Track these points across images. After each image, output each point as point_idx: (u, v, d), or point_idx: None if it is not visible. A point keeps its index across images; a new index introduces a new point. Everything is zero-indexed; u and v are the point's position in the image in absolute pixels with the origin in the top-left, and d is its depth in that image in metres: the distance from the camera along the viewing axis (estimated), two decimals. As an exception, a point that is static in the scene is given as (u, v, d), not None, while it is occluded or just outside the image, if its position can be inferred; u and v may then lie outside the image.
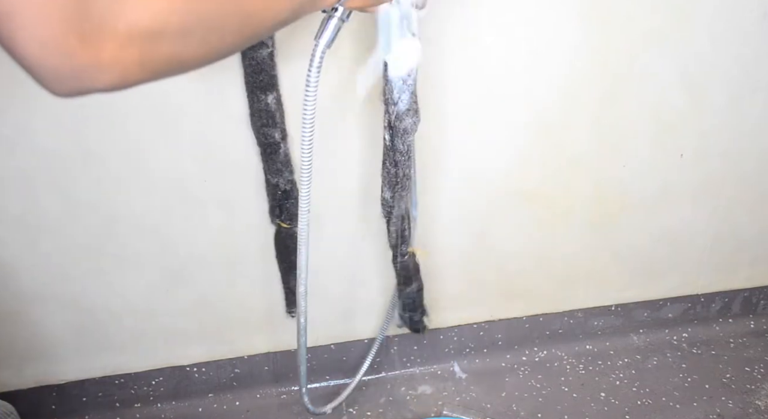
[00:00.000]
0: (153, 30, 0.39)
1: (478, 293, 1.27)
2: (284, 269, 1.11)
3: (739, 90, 1.15)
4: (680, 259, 1.35)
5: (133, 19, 0.37)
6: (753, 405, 1.23)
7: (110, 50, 0.37)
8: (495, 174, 1.13)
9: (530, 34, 1.00)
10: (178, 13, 0.40)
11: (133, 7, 0.37)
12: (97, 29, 0.36)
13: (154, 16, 0.38)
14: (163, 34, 0.39)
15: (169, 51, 0.41)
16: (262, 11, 0.48)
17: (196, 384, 1.22)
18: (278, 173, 0.99)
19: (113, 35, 0.37)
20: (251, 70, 0.89)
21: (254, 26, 0.48)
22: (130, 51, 0.38)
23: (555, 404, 1.23)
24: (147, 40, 0.39)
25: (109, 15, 0.36)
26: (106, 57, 0.37)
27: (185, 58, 0.43)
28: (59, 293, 1.07)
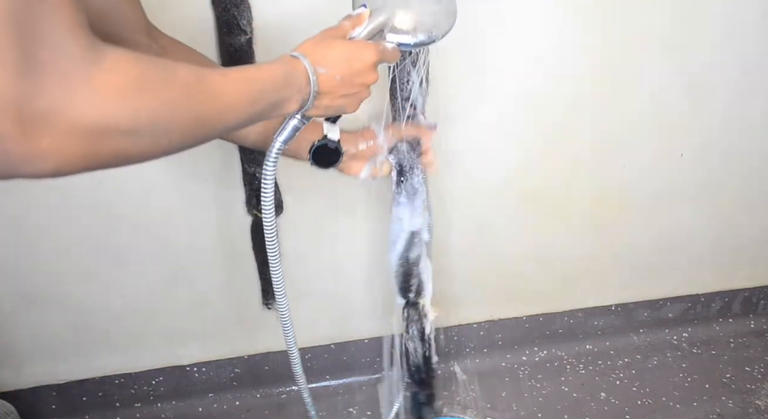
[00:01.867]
0: (99, 128, 0.37)
1: (478, 293, 1.27)
2: (261, 261, 1.10)
3: (739, 90, 1.15)
4: (680, 259, 1.35)
5: (79, 115, 0.36)
6: (753, 405, 1.23)
7: (49, 142, 0.36)
8: (495, 174, 1.13)
9: (531, 35, 1.00)
10: (128, 116, 0.39)
11: (81, 103, 0.36)
12: (40, 121, 0.35)
13: (102, 115, 0.37)
14: (109, 133, 0.38)
15: (115, 148, 0.39)
16: (216, 117, 0.48)
17: (196, 383, 1.22)
18: (255, 162, 0.98)
19: (55, 128, 0.36)
20: (228, 57, 0.88)
21: (207, 130, 0.48)
22: (71, 145, 0.37)
23: (555, 404, 1.23)
24: (92, 136, 0.37)
25: (55, 108, 0.35)
26: (43, 148, 0.36)
27: (132, 154, 0.41)
28: (59, 293, 1.07)
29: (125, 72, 0.39)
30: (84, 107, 0.37)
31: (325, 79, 0.60)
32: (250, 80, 0.53)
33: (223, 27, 0.85)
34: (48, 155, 0.36)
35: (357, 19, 0.66)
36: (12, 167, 0.36)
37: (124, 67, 0.39)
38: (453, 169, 1.09)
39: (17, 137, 0.34)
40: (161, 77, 0.42)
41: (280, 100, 0.57)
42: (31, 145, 0.35)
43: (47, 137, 0.35)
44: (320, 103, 0.61)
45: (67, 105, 0.36)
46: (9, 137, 0.34)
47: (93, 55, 0.37)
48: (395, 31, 0.68)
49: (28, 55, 0.34)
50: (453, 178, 1.10)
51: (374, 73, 0.65)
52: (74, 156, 0.37)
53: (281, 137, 0.66)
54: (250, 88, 0.52)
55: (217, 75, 0.49)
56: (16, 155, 0.35)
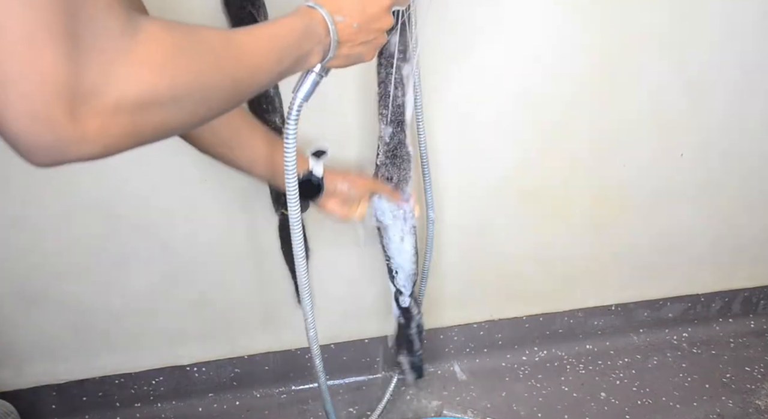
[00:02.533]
0: (141, 102, 0.38)
1: (478, 293, 1.27)
2: (291, 259, 1.10)
3: (739, 90, 1.15)
4: (680, 259, 1.35)
5: (122, 92, 0.37)
6: (753, 405, 1.23)
7: (97, 123, 0.36)
8: (495, 174, 1.13)
9: (529, 34, 1.00)
10: (168, 85, 0.39)
11: (122, 79, 0.37)
12: (86, 102, 0.35)
13: (143, 89, 0.38)
14: (151, 106, 0.39)
15: (156, 121, 0.40)
16: (248, 78, 0.49)
17: (196, 383, 1.22)
18: None
19: (101, 108, 0.36)
20: None
21: (242, 92, 0.48)
22: (116, 122, 0.37)
23: (555, 404, 1.23)
24: (135, 111, 0.38)
25: (99, 88, 0.36)
26: (92, 129, 0.36)
27: (173, 125, 0.42)
28: (59, 293, 1.07)
29: (160, 42, 0.39)
30: (125, 83, 0.37)
31: (343, 28, 0.60)
32: (274, 37, 0.53)
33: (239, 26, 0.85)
34: (96, 136, 0.36)
35: None
36: (62, 151, 0.36)
37: (158, 38, 0.39)
38: (452, 168, 1.10)
39: (68, 121, 0.35)
40: (193, 44, 0.42)
41: (304, 54, 0.57)
42: (79, 127, 0.35)
43: (93, 118, 0.36)
44: (340, 52, 0.61)
45: (110, 83, 0.36)
46: (60, 123, 0.34)
47: (130, 30, 0.37)
48: None
49: (75, 38, 0.34)
50: (452, 178, 1.10)
51: (389, 17, 0.65)
52: (120, 134, 0.38)
53: (301, 92, 0.65)
54: (275, 45, 0.52)
55: (243, 35, 0.49)
56: (66, 139, 0.35)
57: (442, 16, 0.94)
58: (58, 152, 0.36)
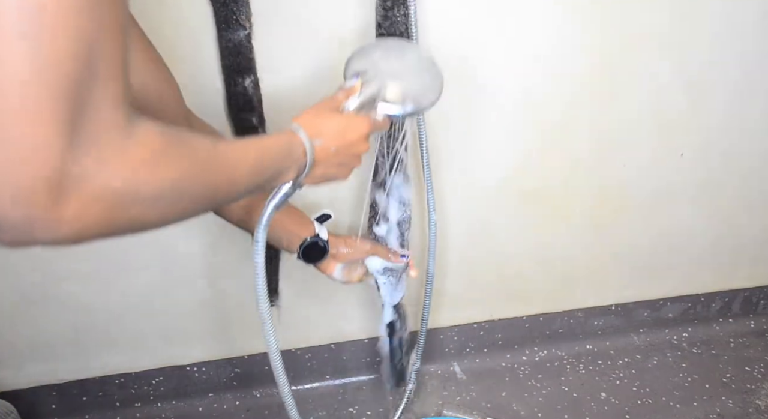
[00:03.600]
0: (121, 196, 0.38)
1: (478, 293, 1.27)
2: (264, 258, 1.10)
3: (739, 90, 1.15)
4: (680, 259, 1.35)
5: (106, 184, 0.37)
6: (753, 405, 1.24)
7: (74, 209, 0.36)
8: (495, 174, 1.13)
9: (530, 34, 1.00)
10: (150, 185, 0.40)
11: (110, 172, 0.37)
12: (70, 188, 0.35)
13: (127, 184, 0.38)
14: (130, 201, 0.39)
15: (130, 215, 0.40)
16: (226, 189, 0.51)
17: (196, 383, 1.22)
18: None
19: (82, 196, 0.36)
20: (228, 52, 0.88)
21: (216, 200, 0.50)
22: (92, 212, 0.37)
23: (555, 404, 1.23)
24: (113, 203, 0.38)
25: (86, 177, 0.36)
26: (68, 215, 0.36)
27: (145, 222, 0.42)
28: (59, 294, 1.07)
29: (152, 145, 0.40)
30: (112, 177, 0.37)
31: (320, 151, 0.63)
32: (256, 152, 0.55)
33: (221, 22, 0.85)
34: (70, 223, 0.36)
35: (350, 90, 0.70)
36: (32, 233, 0.36)
37: (152, 141, 0.40)
38: (452, 168, 1.10)
39: (48, 204, 0.34)
40: (182, 149, 0.44)
41: (280, 171, 0.60)
42: (56, 212, 0.35)
43: (73, 205, 0.36)
44: (315, 172, 0.65)
45: (98, 174, 0.36)
46: (40, 205, 0.34)
47: (129, 128, 0.38)
48: (386, 101, 0.71)
49: (77, 125, 0.35)
50: (452, 178, 1.10)
51: (366, 144, 0.69)
52: (95, 223, 0.38)
53: (273, 202, 0.68)
54: (256, 160, 0.55)
55: (229, 147, 0.51)
56: (40, 222, 0.35)
57: (442, 16, 0.94)
58: (28, 233, 0.35)
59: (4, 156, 0.33)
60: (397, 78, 0.73)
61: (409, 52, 0.79)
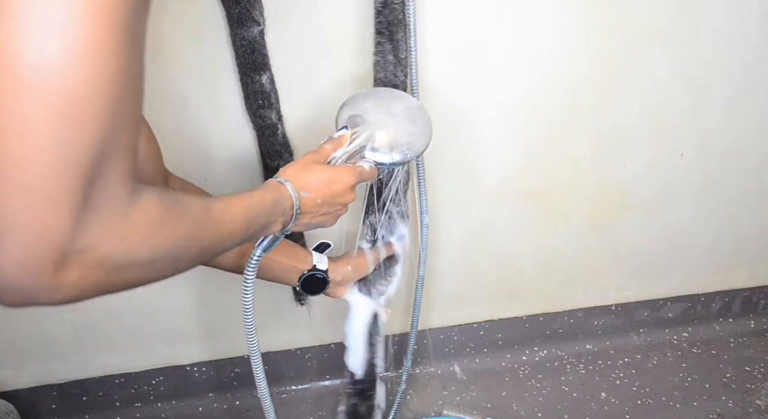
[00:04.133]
0: (121, 263, 0.40)
1: (478, 293, 1.27)
2: None
3: (739, 90, 1.15)
4: (680, 259, 1.35)
5: (107, 253, 0.38)
6: (753, 405, 1.24)
7: (75, 276, 0.37)
8: (495, 174, 1.13)
9: (530, 34, 1.00)
10: (148, 250, 0.41)
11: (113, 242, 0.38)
12: (74, 258, 0.36)
13: (127, 252, 0.39)
14: (128, 266, 0.40)
15: (127, 278, 0.42)
16: (217, 244, 0.52)
17: (196, 383, 1.22)
18: (278, 155, 0.98)
19: (85, 263, 0.37)
20: (243, 50, 0.88)
21: (208, 255, 0.52)
22: (92, 277, 0.38)
23: (555, 404, 1.23)
24: (112, 269, 0.39)
25: (91, 248, 0.37)
26: (69, 281, 0.37)
27: (141, 282, 0.44)
28: (59, 293, 1.07)
29: (153, 212, 0.41)
30: (114, 247, 0.39)
31: (307, 202, 0.66)
32: (246, 208, 0.57)
33: (234, 19, 0.85)
34: (70, 287, 0.38)
35: (338, 141, 0.72)
36: (35, 297, 0.37)
37: (152, 208, 0.42)
38: (452, 168, 1.10)
39: (51, 274, 0.36)
40: (179, 214, 0.45)
41: (268, 223, 0.62)
42: (58, 280, 0.37)
43: (74, 273, 0.37)
44: (301, 221, 0.67)
45: (101, 245, 0.38)
46: (45, 273, 0.36)
47: (133, 198, 0.40)
48: (373, 151, 0.73)
49: (86, 201, 0.36)
50: (453, 178, 1.10)
51: (352, 194, 0.71)
52: (92, 288, 0.39)
53: (261, 246, 0.72)
54: (246, 216, 0.57)
55: (220, 205, 0.53)
56: (44, 288, 0.36)
57: (442, 16, 0.94)
58: (30, 297, 0.37)
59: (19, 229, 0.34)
60: (386, 127, 0.75)
61: (399, 101, 0.80)
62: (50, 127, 0.33)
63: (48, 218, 0.35)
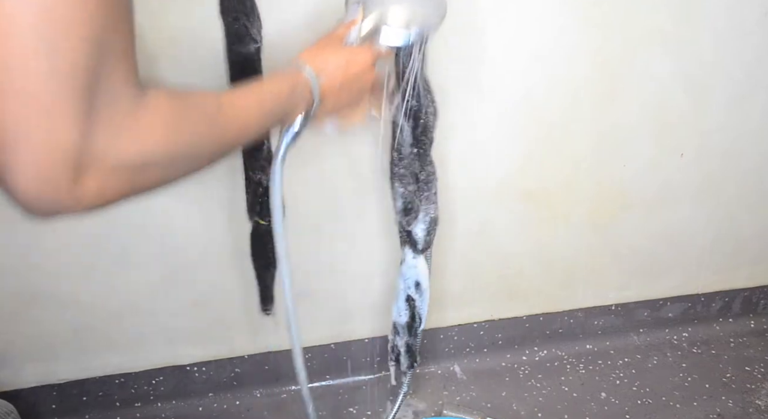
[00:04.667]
0: (138, 164, 0.40)
1: (478, 293, 1.27)
2: (261, 267, 1.10)
3: (739, 90, 1.15)
4: (680, 258, 1.35)
5: (122, 156, 0.38)
6: (753, 405, 1.24)
7: (95, 184, 0.38)
8: (495, 174, 1.13)
9: (531, 34, 1.00)
10: (164, 149, 0.41)
11: (125, 144, 0.38)
12: (90, 166, 0.37)
13: (142, 153, 0.39)
14: (146, 167, 0.41)
15: (148, 180, 0.42)
16: (235, 139, 0.52)
17: (196, 383, 1.22)
18: (261, 169, 0.98)
19: (101, 171, 0.38)
20: (238, 67, 0.88)
21: (227, 150, 0.51)
22: (112, 183, 0.39)
23: (555, 404, 1.23)
24: (131, 172, 0.39)
25: (103, 153, 0.37)
26: (89, 190, 0.37)
27: (162, 183, 0.44)
28: (59, 293, 1.07)
29: (163, 110, 0.41)
30: (127, 148, 0.39)
31: (326, 87, 0.63)
32: (261, 99, 0.55)
33: (233, 36, 0.85)
34: (92, 195, 0.38)
35: (351, 22, 0.70)
36: (59, 208, 0.38)
37: (161, 106, 0.41)
38: (452, 168, 1.10)
39: (70, 184, 0.36)
40: (190, 111, 0.45)
41: (289, 110, 0.60)
42: (79, 188, 0.37)
43: (93, 180, 0.37)
44: (324, 107, 0.65)
45: (114, 148, 0.38)
46: (63, 185, 0.36)
47: (139, 98, 0.39)
48: (388, 29, 0.70)
49: (91, 108, 0.36)
50: (453, 178, 1.10)
51: (371, 73, 0.68)
52: (115, 191, 0.40)
53: (286, 139, 0.67)
54: (262, 107, 0.55)
55: (233, 99, 0.52)
56: (65, 198, 0.37)
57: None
58: (55, 208, 0.38)
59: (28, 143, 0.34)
60: (398, 3, 0.71)
61: None
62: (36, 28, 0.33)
63: (54, 127, 0.34)
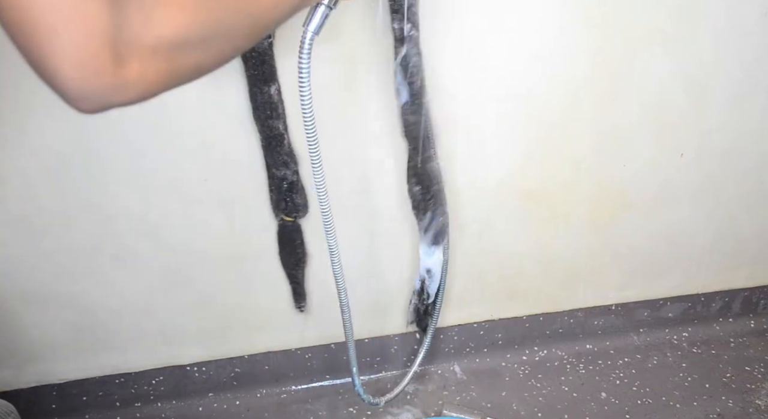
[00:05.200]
0: (175, 44, 0.40)
1: (478, 293, 1.27)
2: (291, 264, 1.11)
3: (739, 90, 1.15)
4: (680, 258, 1.35)
5: (158, 36, 0.39)
6: (753, 405, 1.23)
7: (136, 68, 0.39)
8: (495, 174, 1.13)
9: (531, 34, 1.00)
10: (197, 25, 0.42)
11: (158, 23, 0.39)
12: (128, 48, 0.38)
13: (176, 31, 0.40)
14: (183, 47, 0.41)
15: (189, 62, 0.43)
16: (266, 14, 0.51)
17: (196, 383, 1.22)
18: (284, 165, 0.99)
19: (140, 53, 0.38)
20: (253, 62, 0.89)
21: (260, 27, 0.51)
22: (154, 66, 0.40)
23: (555, 403, 1.23)
24: (169, 54, 0.40)
25: (139, 34, 0.38)
26: (132, 74, 0.38)
27: (203, 65, 0.45)
28: (59, 293, 1.07)
29: None
30: (160, 28, 0.39)
31: None
32: None
33: None
34: (136, 80, 0.39)
35: None
36: (107, 96, 0.39)
37: None
38: (453, 169, 1.10)
39: (112, 68, 0.37)
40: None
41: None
42: (122, 73, 0.38)
43: (134, 63, 0.38)
44: None
45: (147, 27, 0.39)
46: (106, 69, 0.37)
47: None
48: None
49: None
50: (453, 178, 1.10)
51: None
52: (157, 77, 0.40)
53: (311, 26, 0.67)
54: None
55: None
56: (111, 85, 0.38)
57: (442, 16, 0.94)
58: (103, 97, 0.39)
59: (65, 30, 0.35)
60: None
61: None
62: None
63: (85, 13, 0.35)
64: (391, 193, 1.09)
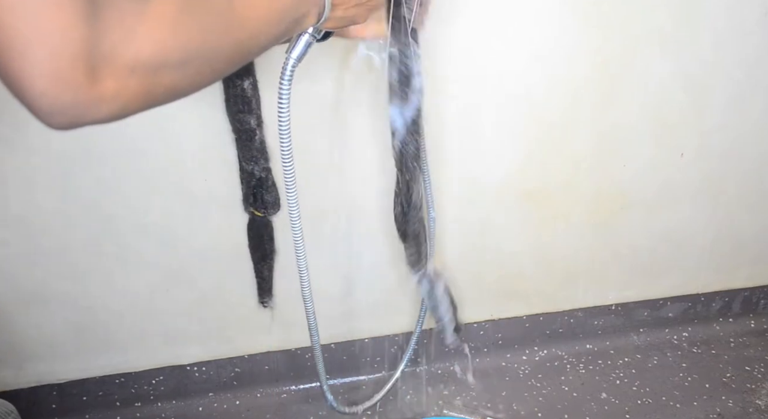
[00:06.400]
0: (154, 63, 0.39)
1: (478, 293, 1.27)
2: (257, 258, 1.10)
3: (739, 90, 1.15)
4: (680, 258, 1.35)
5: (136, 53, 0.38)
6: (753, 405, 1.23)
7: (113, 84, 0.37)
8: (495, 174, 1.13)
9: (531, 34, 1.00)
10: (179, 46, 0.41)
11: (137, 40, 0.38)
12: (104, 63, 0.36)
13: (155, 50, 0.39)
14: (162, 67, 0.40)
15: (166, 82, 0.41)
16: (249, 40, 0.50)
17: (196, 383, 1.22)
18: (253, 160, 0.98)
19: (117, 70, 0.37)
20: None
21: (243, 54, 0.50)
22: (131, 84, 0.38)
23: (555, 403, 1.23)
24: (147, 73, 0.39)
25: (116, 49, 0.37)
26: (108, 91, 0.37)
27: (181, 87, 0.43)
28: (59, 293, 1.07)
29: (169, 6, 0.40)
30: (140, 43, 0.38)
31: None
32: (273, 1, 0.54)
33: None
34: (112, 98, 0.38)
35: None
36: (80, 113, 0.37)
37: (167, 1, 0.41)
38: (453, 168, 1.10)
39: (87, 83, 0.36)
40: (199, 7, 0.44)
41: (301, 16, 0.59)
42: (97, 89, 0.37)
43: (111, 79, 0.37)
44: (334, 14, 0.63)
45: (126, 43, 0.37)
46: (80, 84, 0.36)
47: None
48: None
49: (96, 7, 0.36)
50: (453, 178, 1.10)
51: None
52: (134, 95, 0.39)
53: (294, 53, 0.66)
54: (274, 9, 0.54)
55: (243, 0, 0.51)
56: (85, 101, 0.36)
57: (442, 16, 0.94)
58: (76, 114, 0.37)
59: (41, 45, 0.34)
60: None
61: None
62: None
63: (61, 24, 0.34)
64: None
